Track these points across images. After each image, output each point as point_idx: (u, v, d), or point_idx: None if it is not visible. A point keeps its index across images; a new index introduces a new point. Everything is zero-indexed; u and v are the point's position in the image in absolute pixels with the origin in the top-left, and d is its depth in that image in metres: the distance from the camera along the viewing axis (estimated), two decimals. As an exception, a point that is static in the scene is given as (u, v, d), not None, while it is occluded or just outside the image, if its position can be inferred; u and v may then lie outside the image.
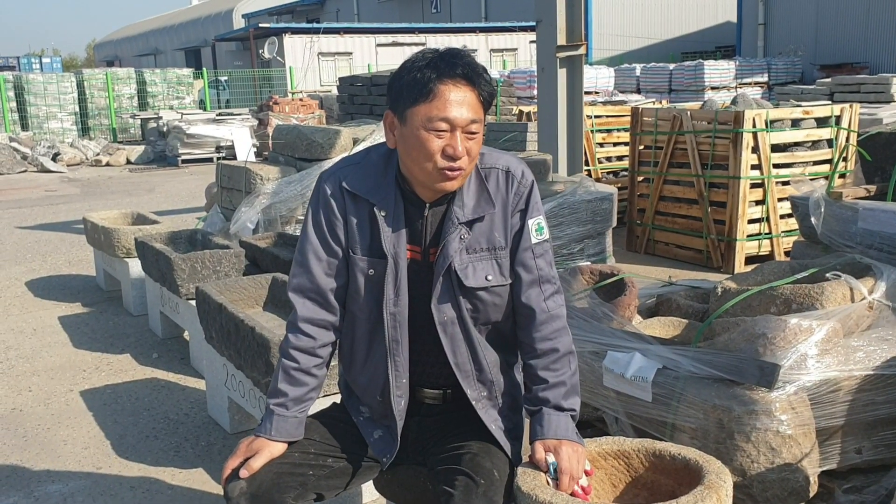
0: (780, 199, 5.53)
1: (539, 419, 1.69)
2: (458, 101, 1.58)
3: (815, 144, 5.68)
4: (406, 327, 1.70)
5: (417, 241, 1.71)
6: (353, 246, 1.71)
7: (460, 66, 1.59)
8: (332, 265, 1.72)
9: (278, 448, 1.69)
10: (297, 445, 1.72)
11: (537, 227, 1.73)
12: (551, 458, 1.62)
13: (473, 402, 1.73)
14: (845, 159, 5.60)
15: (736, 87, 15.49)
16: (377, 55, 24.35)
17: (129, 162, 15.17)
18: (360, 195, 1.70)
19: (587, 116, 6.97)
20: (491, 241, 1.70)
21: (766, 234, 5.58)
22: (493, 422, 1.74)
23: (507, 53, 26.37)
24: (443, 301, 1.68)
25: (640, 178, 6.22)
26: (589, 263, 4.00)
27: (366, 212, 1.70)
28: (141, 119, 17.33)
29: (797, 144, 5.64)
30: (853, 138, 5.53)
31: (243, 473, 1.63)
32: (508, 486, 1.64)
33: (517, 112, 9.48)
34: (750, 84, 16.06)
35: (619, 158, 7.44)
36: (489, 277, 1.69)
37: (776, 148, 5.51)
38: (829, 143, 5.69)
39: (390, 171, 1.71)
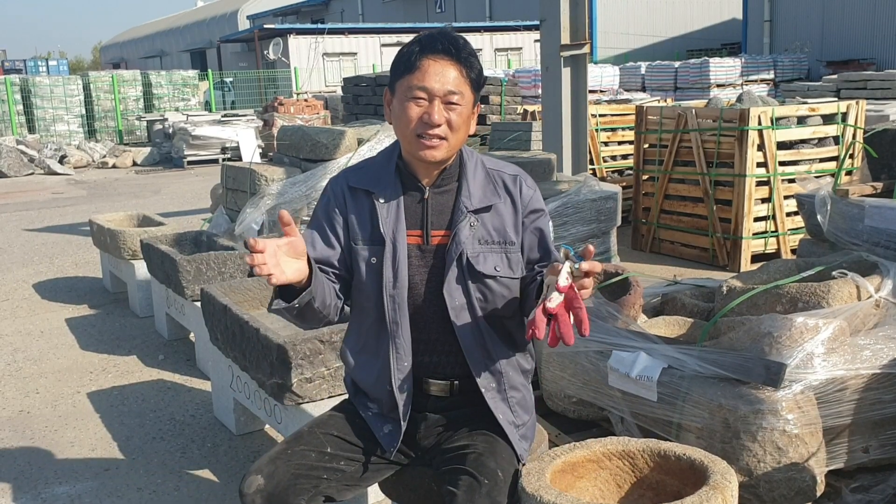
0: (786, 197, 5.51)
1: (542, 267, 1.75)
2: (436, 73, 1.67)
3: (821, 141, 5.65)
4: (406, 310, 1.73)
5: (418, 225, 1.76)
6: (354, 238, 1.77)
7: (441, 43, 1.69)
8: (330, 244, 1.77)
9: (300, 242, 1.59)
10: (315, 443, 1.75)
11: (551, 228, 1.84)
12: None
13: (483, 391, 1.76)
14: (852, 156, 5.58)
15: (742, 85, 15.43)
16: (382, 55, 24.35)
17: (135, 164, 15.21)
18: (360, 188, 1.78)
19: (592, 115, 6.95)
20: (503, 236, 1.76)
21: (772, 231, 5.55)
22: (503, 413, 1.76)
23: (511, 52, 26.34)
24: (454, 287, 1.73)
25: (645, 177, 6.21)
26: (594, 263, 3.98)
27: (366, 203, 1.77)
28: (147, 121, 17.37)
29: (803, 142, 5.62)
30: (860, 135, 5.51)
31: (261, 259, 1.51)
32: (513, 487, 1.64)
33: (522, 111, 9.46)
34: (756, 81, 15.99)
35: (624, 157, 7.42)
36: (498, 268, 1.75)
37: (782, 145, 5.49)
38: (836, 140, 5.66)
39: (391, 162, 1.79)
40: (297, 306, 1.63)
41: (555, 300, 1.48)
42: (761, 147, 5.35)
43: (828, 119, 5.64)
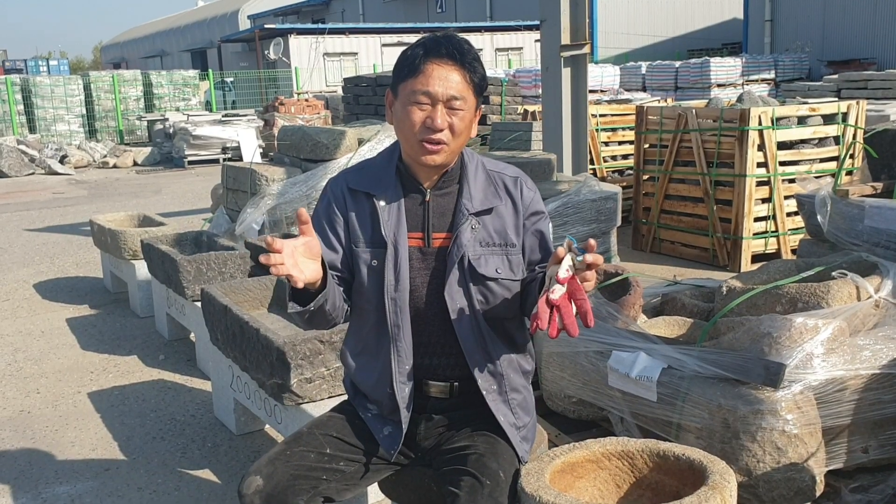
0: (786, 197, 5.51)
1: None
2: (440, 77, 1.67)
3: (821, 142, 5.65)
4: (407, 312, 1.73)
5: (419, 228, 1.76)
6: (355, 241, 1.76)
7: (446, 47, 1.68)
8: (332, 246, 1.76)
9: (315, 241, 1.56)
10: (315, 444, 1.75)
11: (551, 230, 1.86)
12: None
13: (484, 393, 1.76)
14: (852, 156, 5.58)
15: (742, 84, 15.43)
16: (382, 55, 24.36)
17: (135, 164, 15.22)
18: (360, 190, 1.78)
19: (592, 115, 6.95)
20: (504, 238, 1.76)
21: (772, 231, 5.55)
22: (503, 415, 1.77)
23: (512, 52, 26.35)
24: (456, 289, 1.73)
25: (645, 177, 6.21)
26: (594, 263, 3.98)
27: (367, 206, 1.77)
28: (147, 121, 17.39)
29: (804, 142, 5.62)
30: (860, 135, 5.51)
31: (277, 255, 1.46)
32: (514, 488, 1.64)
33: (522, 111, 9.46)
34: (757, 81, 16.00)
35: (625, 157, 7.42)
36: (499, 270, 1.75)
37: (782, 145, 5.49)
38: (836, 140, 5.66)
39: (392, 164, 1.79)
40: (312, 309, 1.61)
41: (557, 291, 1.48)
42: (762, 147, 5.35)
43: (828, 119, 5.64)
